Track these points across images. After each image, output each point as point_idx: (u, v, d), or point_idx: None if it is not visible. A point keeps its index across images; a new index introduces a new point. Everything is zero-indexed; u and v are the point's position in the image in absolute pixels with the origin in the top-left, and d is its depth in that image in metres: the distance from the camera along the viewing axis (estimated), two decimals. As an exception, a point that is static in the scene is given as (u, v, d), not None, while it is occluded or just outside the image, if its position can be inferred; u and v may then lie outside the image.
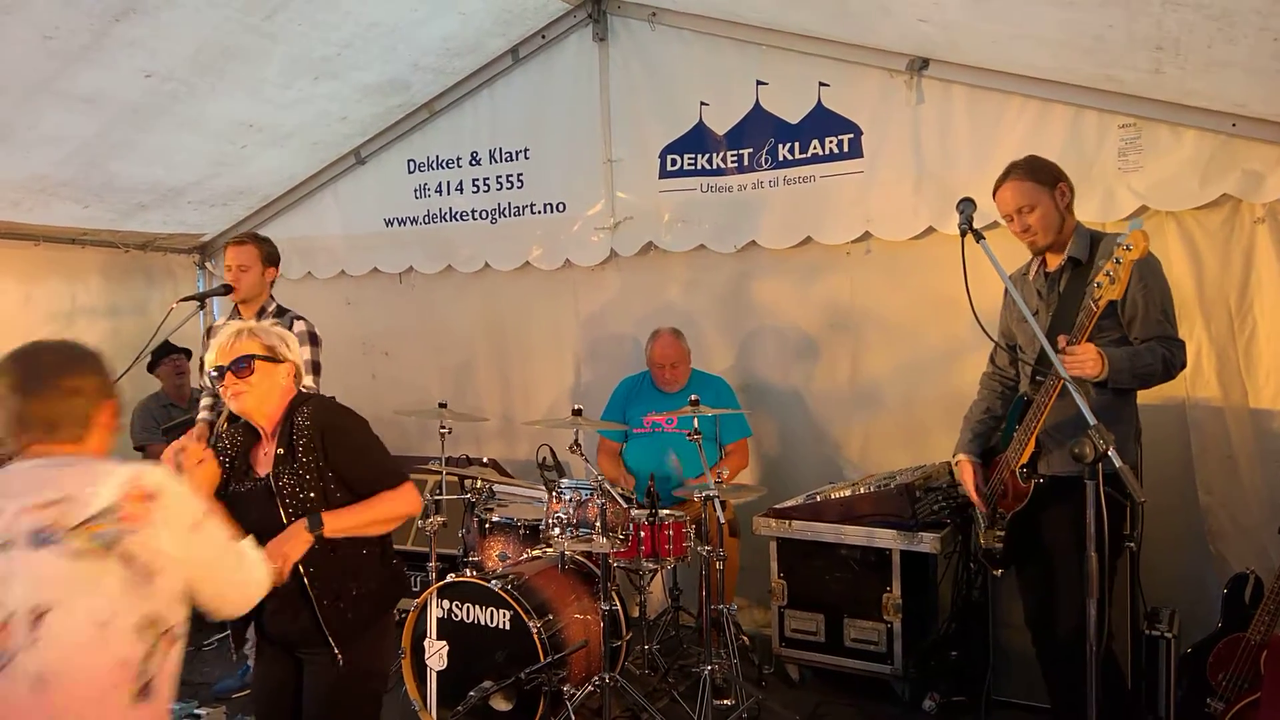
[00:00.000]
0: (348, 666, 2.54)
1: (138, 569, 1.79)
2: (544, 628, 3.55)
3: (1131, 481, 2.34)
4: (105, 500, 1.79)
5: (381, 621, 2.72)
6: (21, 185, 4.72)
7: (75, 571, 1.74)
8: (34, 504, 1.78)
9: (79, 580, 1.74)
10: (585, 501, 3.69)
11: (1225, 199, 3.81)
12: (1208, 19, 2.91)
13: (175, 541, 1.85)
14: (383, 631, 2.75)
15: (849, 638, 3.98)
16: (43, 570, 1.74)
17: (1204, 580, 3.91)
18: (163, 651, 1.83)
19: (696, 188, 4.86)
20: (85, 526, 1.76)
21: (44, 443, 1.91)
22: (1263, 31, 2.85)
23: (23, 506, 1.78)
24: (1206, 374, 3.93)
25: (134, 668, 1.78)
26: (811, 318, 4.84)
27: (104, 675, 1.74)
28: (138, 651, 1.78)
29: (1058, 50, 3.73)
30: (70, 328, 5.46)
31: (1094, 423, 2.40)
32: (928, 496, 4.01)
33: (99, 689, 1.74)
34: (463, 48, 4.92)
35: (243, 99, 4.60)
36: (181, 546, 1.86)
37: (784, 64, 4.58)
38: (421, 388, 5.65)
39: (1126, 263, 2.67)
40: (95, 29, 3.73)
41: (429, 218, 5.55)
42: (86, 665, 1.73)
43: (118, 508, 1.79)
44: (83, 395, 1.95)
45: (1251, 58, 3.14)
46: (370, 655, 2.65)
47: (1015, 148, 3.95)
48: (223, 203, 5.70)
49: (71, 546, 1.75)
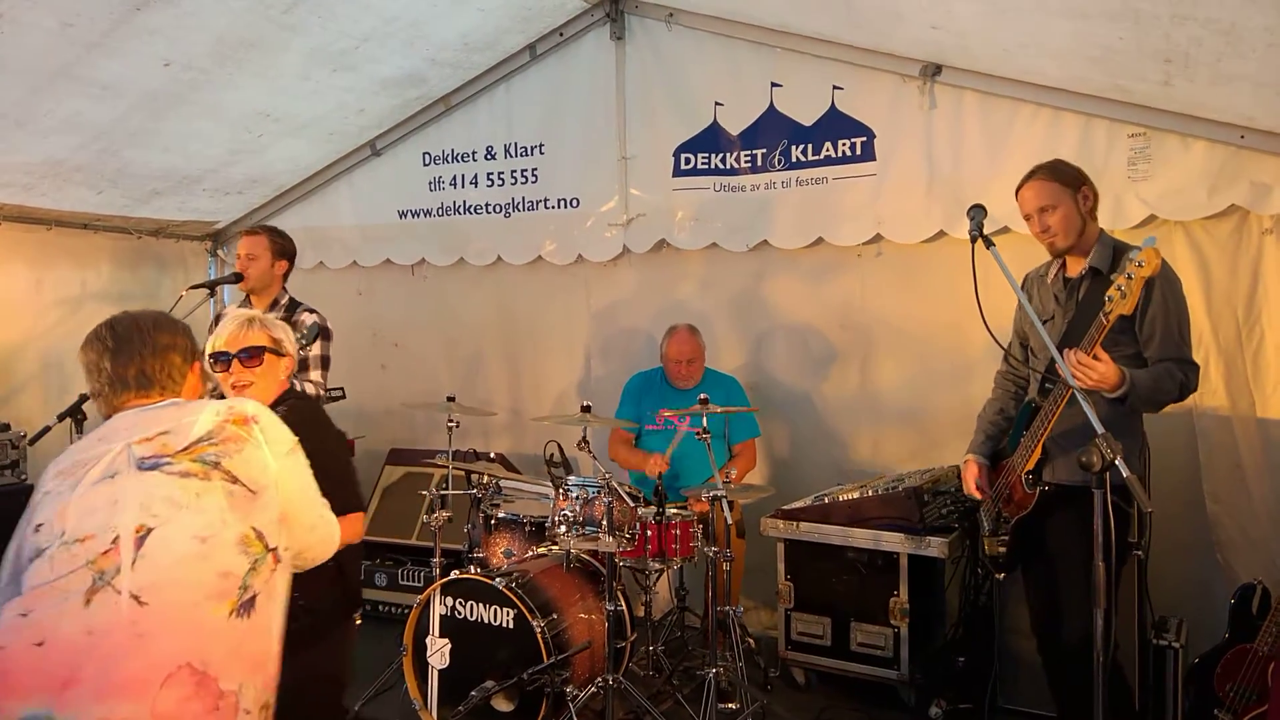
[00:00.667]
0: (298, 673, 2.37)
1: (240, 486, 1.87)
2: (548, 627, 3.55)
3: (1139, 492, 2.35)
4: (206, 426, 1.91)
5: (333, 633, 2.66)
6: (36, 169, 4.73)
7: (180, 490, 1.82)
8: (140, 438, 1.88)
9: (183, 498, 1.81)
10: (592, 499, 3.70)
11: (1233, 209, 3.83)
12: (1216, 34, 2.92)
13: (274, 461, 1.95)
14: (338, 640, 2.71)
15: (855, 642, 3.98)
16: (149, 490, 1.81)
17: (1212, 589, 3.92)
18: (268, 568, 1.87)
19: (710, 187, 4.87)
20: (190, 449, 1.87)
21: (140, 397, 2.00)
22: (1271, 47, 2.86)
23: (128, 441, 1.87)
24: (1214, 383, 3.94)
25: (235, 580, 1.81)
26: (823, 318, 4.86)
27: (203, 588, 1.77)
28: (240, 565, 1.82)
29: (1068, 60, 3.75)
30: (79, 313, 5.48)
31: (1101, 431, 2.41)
32: (936, 500, 4.01)
33: (196, 599, 1.76)
34: (481, 43, 4.93)
35: (260, 89, 4.62)
36: (279, 467, 1.95)
37: (798, 66, 4.60)
38: (431, 379, 5.67)
39: (1138, 279, 2.70)
40: (115, 17, 3.74)
41: (443, 210, 5.56)
42: (186, 578, 1.76)
43: (219, 430, 1.91)
44: (175, 351, 2.05)
45: (1260, 72, 3.15)
46: (324, 661, 2.60)
47: (1026, 154, 3.97)
48: (237, 191, 5.71)
49: (178, 468, 1.84)
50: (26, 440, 4.60)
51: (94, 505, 1.79)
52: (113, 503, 1.79)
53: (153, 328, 2.05)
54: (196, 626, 1.75)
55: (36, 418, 4.64)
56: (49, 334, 5.33)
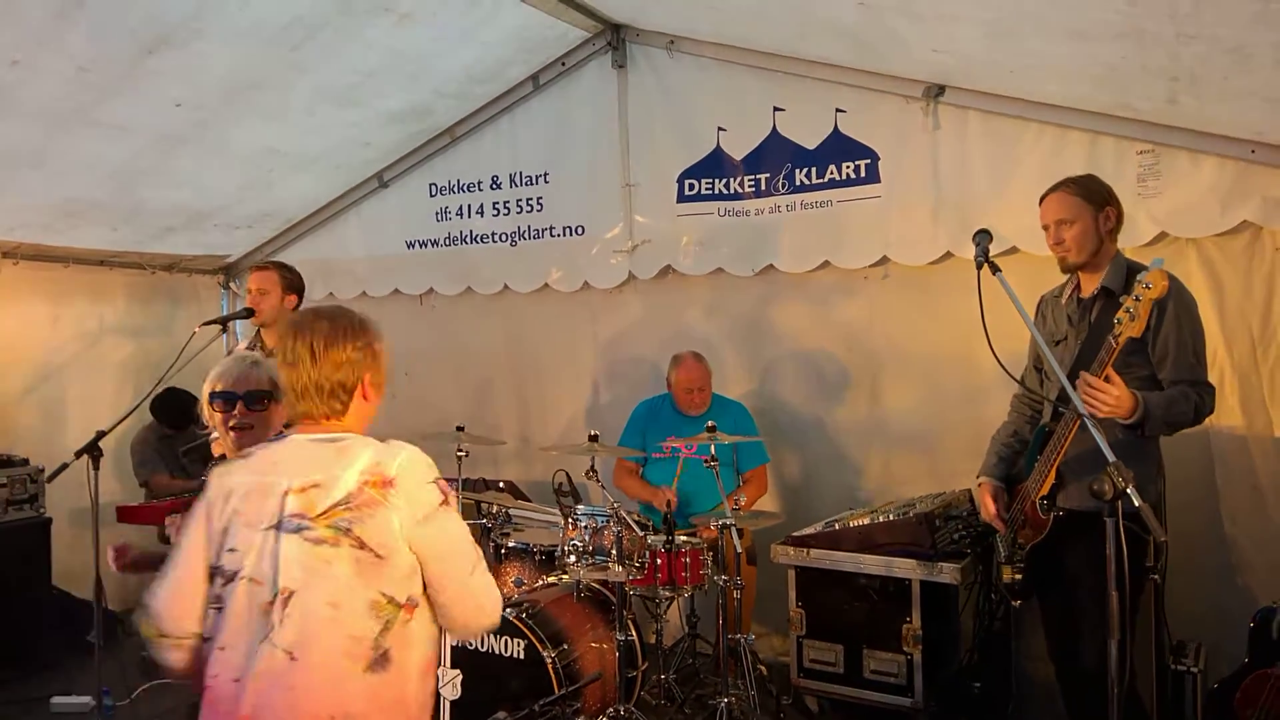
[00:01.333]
0: None
1: (367, 552, 1.90)
2: (559, 657, 3.54)
3: (1151, 521, 2.31)
4: (347, 486, 1.92)
5: None
6: (53, 209, 4.82)
7: (313, 557, 1.89)
8: (298, 486, 1.94)
9: (315, 564, 1.89)
10: (601, 529, 3.69)
11: (1246, 225, 3.78)
12: (1223, 52, 2.89)
13: (405, 528, 1.93)
14: None
15: (868, 669, 3.93)
16: (290, 554, 1.90)
17: (1231, 613, 3.84)
18: (400, 623, 1.93)
19: (714, 212, 4.87)
20: (327, 514, 1.91)
21: (310, 417, 2.04)
22: (1278, 64, 2.83)
23: (289, 488, 1.94)
24: (1230, 402, 3.87)
25: (367, 643, 1.90)
26: (831, 342, 4.83)
27: (338, 649, 1.88)
28: (370, 629, 1.90)
29: (1072, 80, 3.74)
30: (96, 347, 5.56)
31: (1112, 459, 2.38)
32: (947, 525, 3.96)
33: (334, 661, 1.88)
34: (484, 75, 4.98)
35: (268, 126, 4.70)
36: (410, 534, 1.94)
37: (800, 90, 4.60)
38: (441, 408, 5.67)
39: (1146, 300, 2.66)
40: (128, 61, 3.84)
41: (450, 240, 5.60)
42: (323, 641, 1.87)
43: (356, 494, 1.92)
44: (342, 369, 2.04)
45: (1268, 87, 3.12)
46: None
47: (1033, 173, 3.96)
48: (248, 225, 5.78)
49: (313, 534, 1.90)
50: (45, 477, 4.64)
51: (263, 552, 1.92)
52: (272, 556, 1.91)
53: (321, 343, 2.02)
54: (337, 683, 1.88)
55: (55, 452, 4.67)
56: (66, 369, 5.40)
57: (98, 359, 5.59)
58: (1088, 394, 2.75)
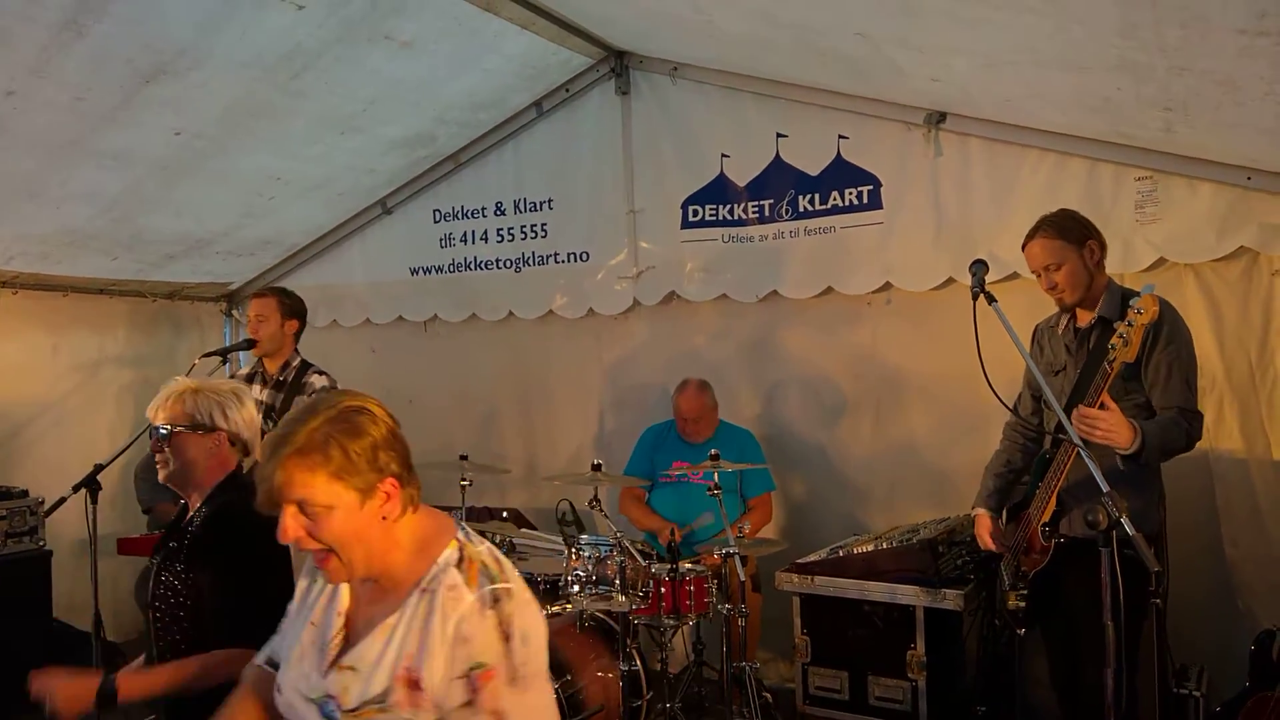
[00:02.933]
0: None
1: None
2: (562, 689, 3.52)
3: (1144, 551, 2.32)
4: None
5: None
6: (51, 239, 4.82)
7: None
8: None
9: None
10: (604, 558, 3.68)
11: (1243, 251, 3.81)
12: (1214, 84, 2.93)
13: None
14: None
15: (873, 695, 3.93)
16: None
17: (1233, 636, 3.85)
18: None
19: (718, 238, 4.89)
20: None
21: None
22: (1268, 96, 2.87)
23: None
24: (1229, 425, 3.90)
25: None
26: (835, 368, 4.85)
27: None
28: None
29: (1069, 109, 3.77)
30: (96, 377, 5.55)
31: (1106, 489, 2.39)
32: (951, 551, 3.97)
33: None
34: (487, 102, 5.01)
35: (270, 154, 4.70)
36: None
37: (803, 117, 4.63)
38: (445, 435, 5.65)
39: (1138, 326, 2.70)
40: (126, 90, 3.82)
41: (454, 266, 5.62)
42: None
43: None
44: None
45: (1259, 118, 3.16)
46: None
47: (1034, 199, 3.99)
48: (250, 252, 5.79)
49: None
50: (44, 510, 4.63)
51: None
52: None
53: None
54: None
55: (54, 483, 4.65)
56: (67, 399, 5.39)
57: (98, 388, 5.58)
58: (1082, 422, 2.78)
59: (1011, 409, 3.30)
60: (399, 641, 1.70)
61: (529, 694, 1.71)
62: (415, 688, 1.66)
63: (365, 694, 1.68)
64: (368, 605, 1.80)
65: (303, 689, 1.77)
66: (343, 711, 1.69)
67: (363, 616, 1.79)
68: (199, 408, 2.44)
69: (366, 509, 1.70)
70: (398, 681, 1.67)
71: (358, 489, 1.69)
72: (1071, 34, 2.92)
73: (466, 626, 1.67)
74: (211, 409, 2.46)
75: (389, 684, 1.67)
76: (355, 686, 1.70)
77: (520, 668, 1.68)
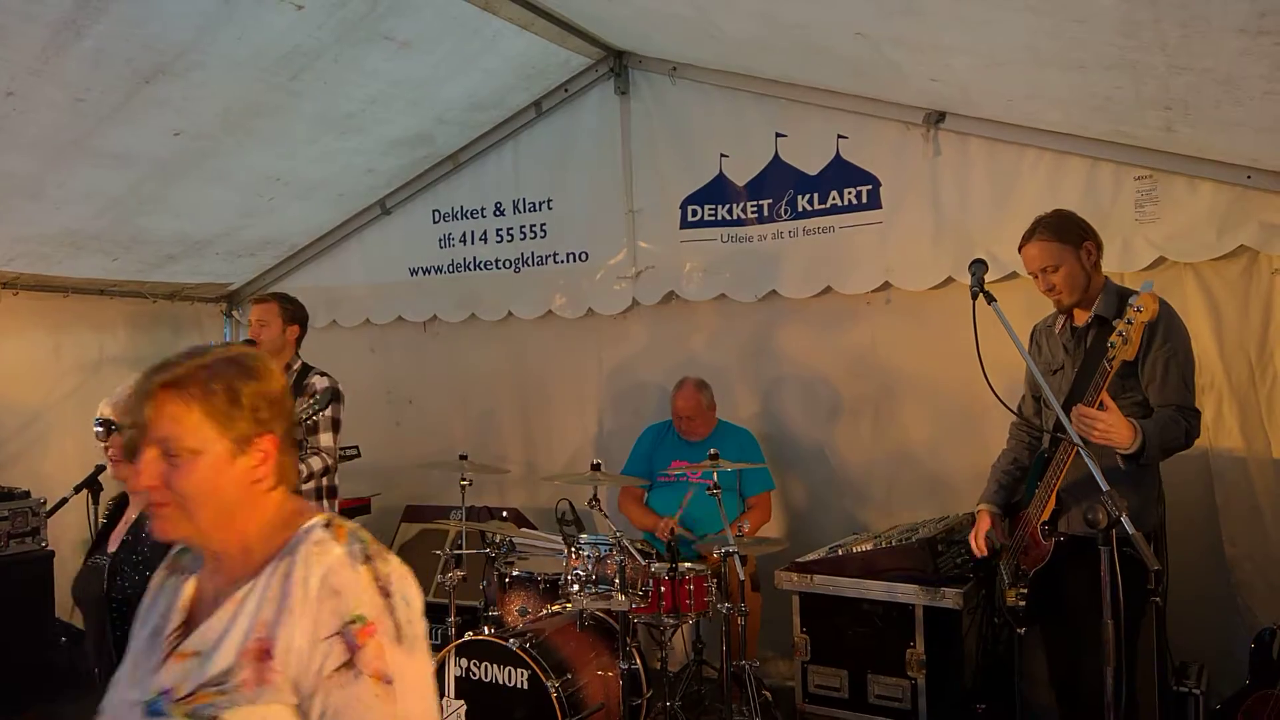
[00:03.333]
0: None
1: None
2: (562, 687, 3.53)
3: (1144, 550, 2.33)
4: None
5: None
6: (51, 239, 4.82)
7: None
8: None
9: None
10: (604, 558, 3.69)
11: (1243, 250, 3.82)
12: (1213, 82, 2.93)
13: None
14: None
15: (873, 694, 3.94)
16: None
17: (1233, 633, 3.87)
18: None
19: (717, 238, 4.90)
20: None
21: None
22: (1267, 95, 2.87)
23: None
24: (1229, 424, 3.91)
25: None
26: (835, 367, 4.85)
27: None
28: None
29: (1069, 109, 3.78)
30: (97, 376, 5.54)
31: (1106, 488, 2.40)
32: (950, 550, 3.98)
33: None
34: (486, 102, 5.01)
35: (270, 154, 4.71)
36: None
37: (802, 116, 4.63)
38: (445, 435, 5.68)
39: (1138, 324, 2.71)
40: (125, 90, 3.82)
41: (453, 267, 5.62)
42: None
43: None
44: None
45: (1259, 118, 3.17)
46: None
47: (1033, 199, 3.99)
48: (250, 253, 5.79)
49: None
50: (46, 510, 4.64)
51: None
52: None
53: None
54: None
55: (55, 484, 4.67)
56: (68, 399, 5.39)
57: (99, 389, 5.51)
58: (1081, 422, 2.78)
59: (1015, 411, 3.31)
60: (251, 610, 1.44)
61: (416, 657, 1.46)
62: (265, 659, 1.40)
63: (201, 677, 1.42)
64: (213, 585, 1.54)
65: (131, 696, 1.49)
66: (173, 702, 1.42)
67: (208, 598, 1.53)
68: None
69: (237, 465, 1.47)
70: (245, 657, 1.41)
71: (232, 439, 1.46)
72: (1071, 33, 2.92)
73: (335, 578, 1.44)
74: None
75: (234, 662, 1.41)
76: (195, 671, 1.43)
77: (405, 626, 1.45)
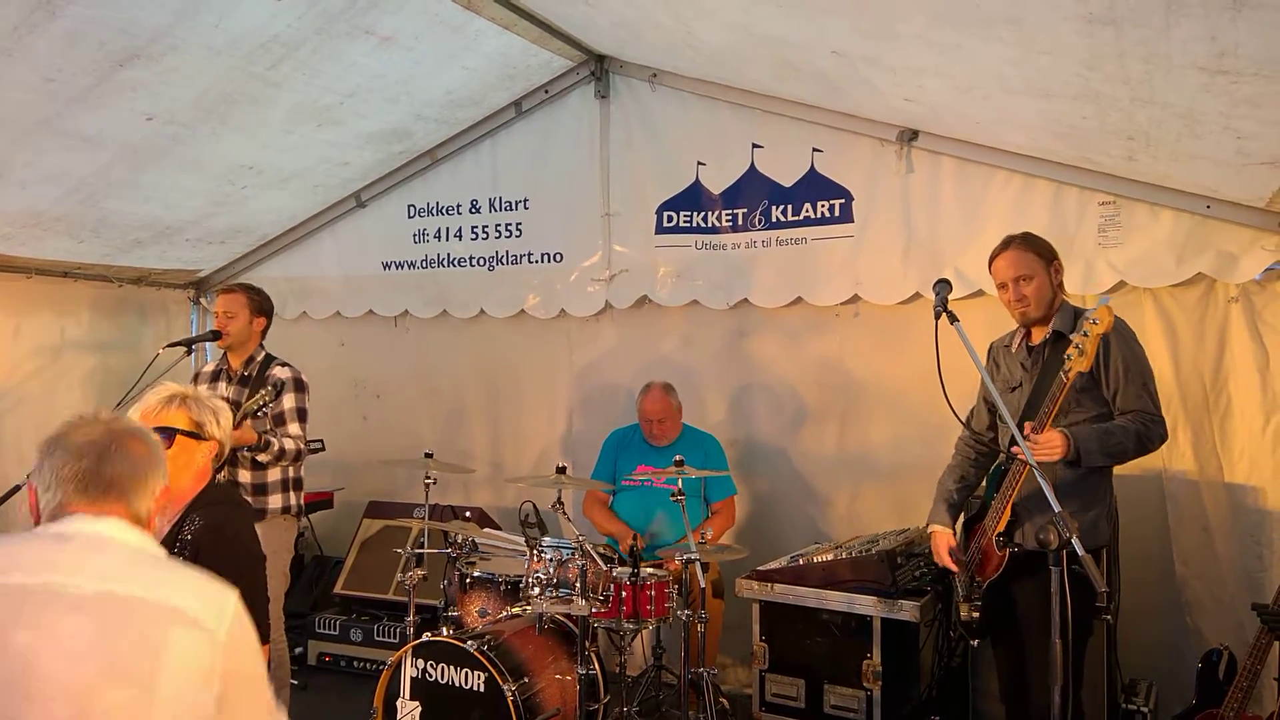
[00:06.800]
0: None
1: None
2: (519, 690, 3.51)
3: (1092, 571, 2.37)
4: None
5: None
6: (15, 219, 4.73)
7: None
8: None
9: None
10: (566, 561, 3.70)
11: (1200, 278, 3.90)
12: (1174, 116, 3.01)
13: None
14: None
15: (829, 704, 3.97)
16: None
17: (1181, 652, 3.96)
18: None
19: (691, 244, 4.93)
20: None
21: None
22: (1225, 130, 2.95)
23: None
24: (1182, 447, 3.99)
25: None
26: (802, 377, 4.89)
27: None
28: None
29: (1036, 134, 3.85)
30: (58, 361, 5.45)
31: (1058, 510, 2.44)
32: (909, 563, 4.03)
33: None
34: (466, 100, 5.00)
35: (244, 143, 4.66)
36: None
37: (779, 128, 4.67)
38: (412, 431, 5.66)
39: (1094, 336, 2.78)
40: (98, 73, 3.77)
41: (427, 262, 5.60)
42: None
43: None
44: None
45: (1218, 151, 3.24)
46: None
47: (1001, 219, 4.07)
48: (220, 241, 5.73)
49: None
50: (-1, 496, 4.57)
51: None
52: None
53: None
54: None
55: (11, 469, 4.61)
56: (27, 382, 5.31)
57: (60, 373, 5.48)
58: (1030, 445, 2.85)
59: (964, 423, 3.36)
60: None
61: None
62: None
63: None
64: None
65: None
66: None
67: None
68: (198, 416, 2.50)
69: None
70: None
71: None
72: (1038, 63, 2.99)
73: None
74: (207, 420, 2.51)
75: None
76: None
77: None
